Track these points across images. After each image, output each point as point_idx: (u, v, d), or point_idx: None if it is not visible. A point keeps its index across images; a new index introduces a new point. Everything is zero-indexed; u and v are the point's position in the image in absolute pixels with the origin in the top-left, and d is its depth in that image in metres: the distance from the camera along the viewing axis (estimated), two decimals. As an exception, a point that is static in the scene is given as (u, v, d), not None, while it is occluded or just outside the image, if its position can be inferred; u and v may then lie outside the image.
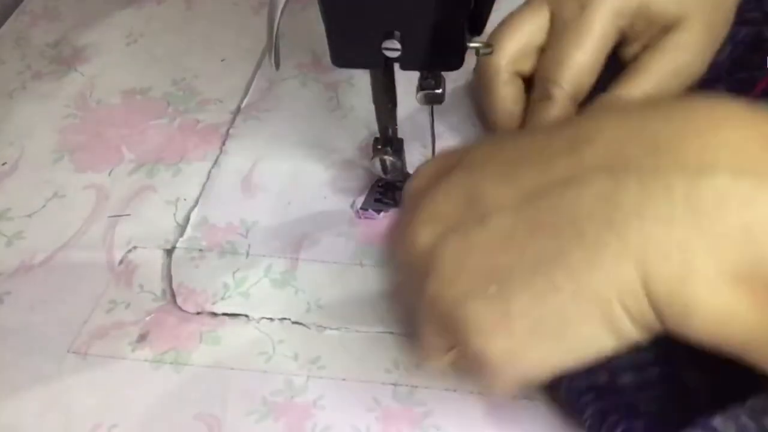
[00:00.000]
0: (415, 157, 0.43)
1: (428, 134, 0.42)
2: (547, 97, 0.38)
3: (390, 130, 0.37)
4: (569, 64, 0.37)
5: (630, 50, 0.39)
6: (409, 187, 0.29)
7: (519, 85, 0.40)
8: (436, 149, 0.40)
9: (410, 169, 0.40)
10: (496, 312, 0.24)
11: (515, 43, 0.39)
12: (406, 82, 0.36)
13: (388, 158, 0.37)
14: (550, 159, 0.25)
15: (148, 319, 0.36)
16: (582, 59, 0.37)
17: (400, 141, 0.38)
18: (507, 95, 0.40)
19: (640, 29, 0.38)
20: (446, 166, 0.28)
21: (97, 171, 0.45)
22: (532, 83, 0.40)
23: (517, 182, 0.25)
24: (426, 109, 0.38)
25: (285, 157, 0.44)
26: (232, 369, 0.34)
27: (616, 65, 0.40)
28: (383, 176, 0.38)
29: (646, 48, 0.38)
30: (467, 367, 0.27)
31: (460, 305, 0.25)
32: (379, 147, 0.37)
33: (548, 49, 0.39)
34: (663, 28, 0.38)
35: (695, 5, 0.37)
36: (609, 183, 0.23)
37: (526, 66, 0.40)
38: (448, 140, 0.43)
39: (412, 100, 0.47)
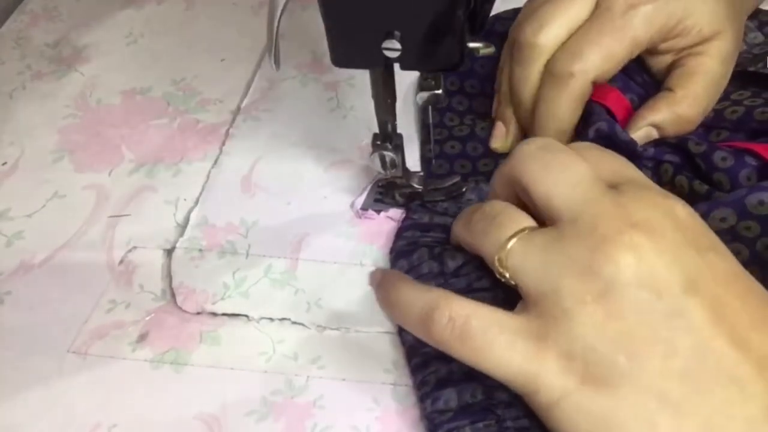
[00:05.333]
0: (414, 154, 0.43)
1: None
2: (570, 73, 0.37)
3: (389, 126, 0.37)
4: (604, 53, 0.36)
5: (661, 60, 0.39)
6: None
7: None
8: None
9: (410, 166, 0.40)
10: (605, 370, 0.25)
11: (562, 29, 0.38)
12: (406, 79, 0.36)
13: (388, 154, 0.37)
14: None
15: (148, 319, 0.36)
16: (617, 54, 0.37)
17: (400, 136, 0.38)
18: (541, 75, 0.39)
19: (675, 43, 0.38)
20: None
21: (97, 171, 0.45)
22: None
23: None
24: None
25: (285, 157, 0.44)
26: (232, 369, 0.34)
27: None
28: (382, 172, 0.38)
29: (686, 57, 0.38)
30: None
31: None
32: (379, 143, 0.37)
33: (586, 30, 0.37)
34: (698, 41, 0.38)
35: (727, 17, 0.38)
36: None
37: None
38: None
39: (411, 97, 0.47)
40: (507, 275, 0.28)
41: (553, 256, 0.27)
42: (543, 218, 0.29)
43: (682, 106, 0.38)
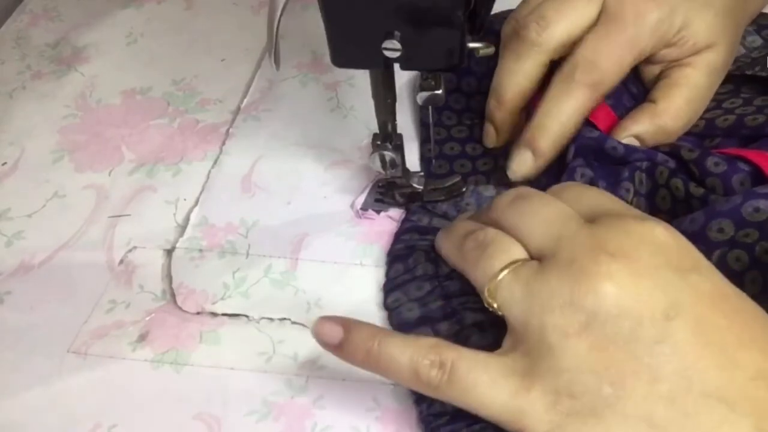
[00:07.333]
0: (414, 154, 0.43)
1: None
2: (589, 83, 0.37)
3: (389, 126, 0.37)
4: (618, 66, 0.37)
5: (652, 70, 0.39)
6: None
7: (545, 70, 0.39)
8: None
9: (410, 166, 0.40)
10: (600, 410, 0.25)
11: (566, 30, 0.38)
12: (406, 78, 0.36)
13: (388, 154, 0.37)
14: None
15: (148, 319, 0.36)
16: (627, 66, 0.37)
17: (400, 136, 0.38)
18: (532, 75, 0.39)
19: (669, 53, 0.38)
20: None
21: (97, 171, 0.45)
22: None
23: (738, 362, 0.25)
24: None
25: (285, 157, 0.44)
26: (232, 369, 0.34)
27: None
28: (382, 172, 0.38)
29: (672, 67, 0.38)
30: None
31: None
32: (379, 143, 0.37)
33: (600, 35, 0.37)
34: (690, 53, 0.38)
35: (723, 29, 0.38)
36: None
37: (562, 54, 0.39)
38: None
39: (411, 97, 0.47)
40: (495, 306, 0.29)
41: (536, 290, 0.27)
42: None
43: (663, 119, 0.38)
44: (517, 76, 0.39)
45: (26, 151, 0.46)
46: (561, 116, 0.37)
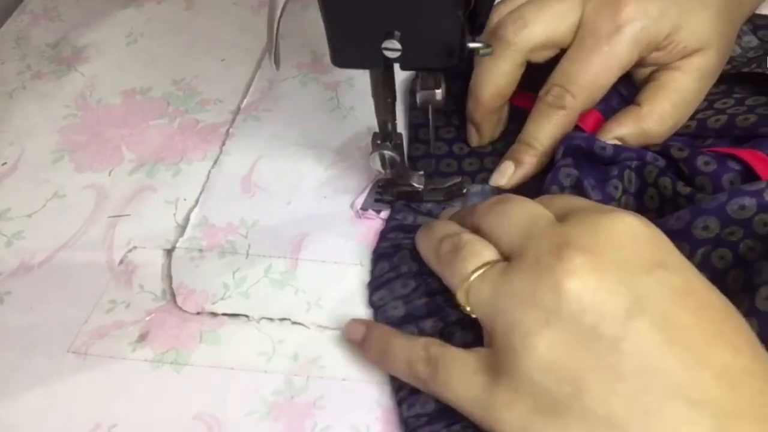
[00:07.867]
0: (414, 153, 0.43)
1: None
2: (561, 106, 0.38)
3: (389, 125, 0.37)
4: (592, 86, 0.37)
5: (642, 72, 0.39)
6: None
7: (522, 70, 0.39)
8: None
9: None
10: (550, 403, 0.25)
11: (544, 32, 0.38)
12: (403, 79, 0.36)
13: (388, 153, 0.37)
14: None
15: (148, 319, 0.36)
16: (605, 83, 0.37)
17: (400, 136, 0.38)
18: (508, 74, 0.39)
19: (659, 57, 0.38)
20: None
21: (97, 171, 0.45)
22: (534, 72, 0.39)
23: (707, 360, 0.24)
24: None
25: (285, 157, 0.44)
26: (232, 369, 0.34)
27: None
28: (382, 171, 0.38)
29: (661, 70, 0.38)
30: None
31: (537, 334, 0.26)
32: (379, 142, 0.37)
33: (573, 59, 0.38)
34: (680, 57, 0.38)
35: (717, 33, 0.38)
36: None
37: (541, 57, 0.39)
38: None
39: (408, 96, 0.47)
40: (468, 309, 0.29)
41: (501, 291, 0.28)
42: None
43: (647, 122, 0.38)
44: (493, 76, 0.39)
45: (26, 151, 0.46)
46: (540, 137, 0.38)
